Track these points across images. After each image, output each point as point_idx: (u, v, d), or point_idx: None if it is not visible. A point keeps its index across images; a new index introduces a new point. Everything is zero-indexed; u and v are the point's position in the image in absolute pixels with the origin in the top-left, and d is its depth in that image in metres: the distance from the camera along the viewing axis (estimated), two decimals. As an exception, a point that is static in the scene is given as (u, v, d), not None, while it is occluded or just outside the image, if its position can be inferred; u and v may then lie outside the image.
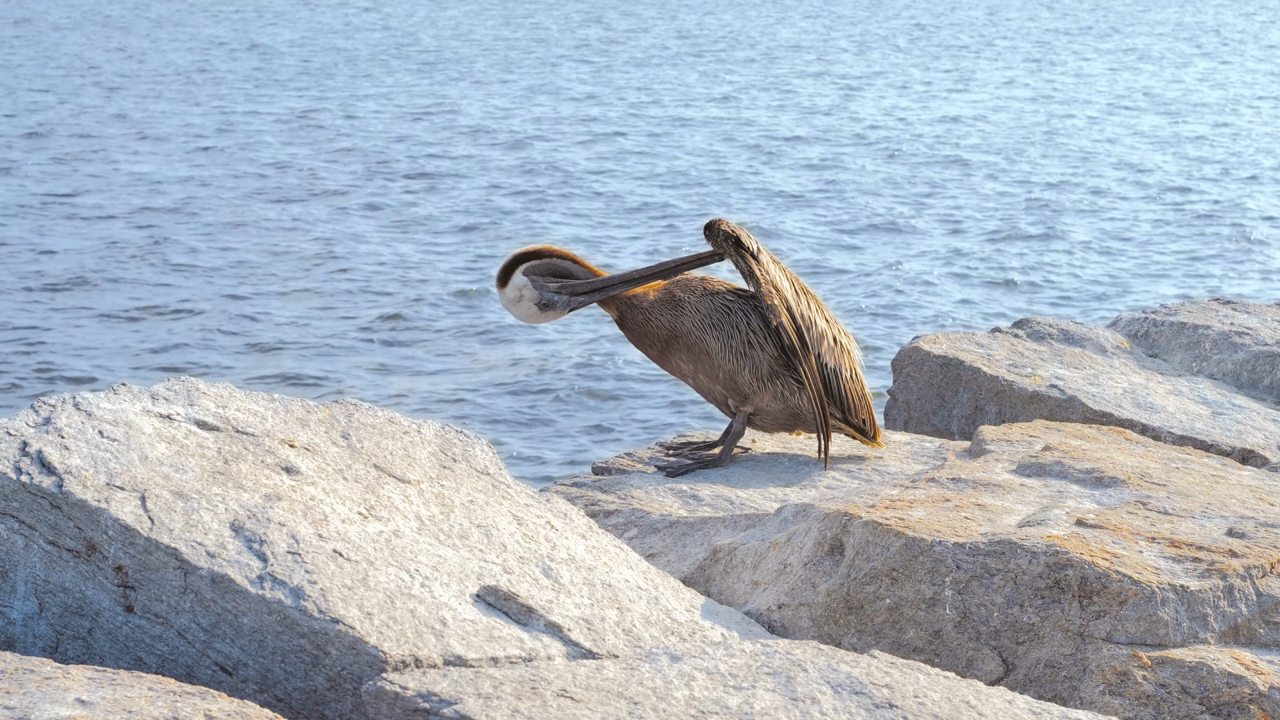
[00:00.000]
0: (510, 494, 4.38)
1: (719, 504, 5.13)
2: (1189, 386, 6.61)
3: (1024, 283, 18.00)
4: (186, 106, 31.12)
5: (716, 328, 5.36)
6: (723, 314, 5.38)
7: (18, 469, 3.79)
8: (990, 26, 52.31)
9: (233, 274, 17.81)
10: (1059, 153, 26.73)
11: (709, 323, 5.37)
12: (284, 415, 4.34)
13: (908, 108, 32.06)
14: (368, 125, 29.04)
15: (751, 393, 5.39)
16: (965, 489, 4.79)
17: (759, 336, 5.36)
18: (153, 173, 23.87)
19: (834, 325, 5.49)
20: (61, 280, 17.28)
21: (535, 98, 33.13)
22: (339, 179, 23.69)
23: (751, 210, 21.64)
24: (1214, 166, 25.54)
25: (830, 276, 18.03)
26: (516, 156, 25.77)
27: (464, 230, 20.29)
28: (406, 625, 3.68)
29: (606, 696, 3.43)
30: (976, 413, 6.42)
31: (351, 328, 15.75)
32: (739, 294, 5.43)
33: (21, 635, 3.74)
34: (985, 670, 4.15)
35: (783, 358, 5.37)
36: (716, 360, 5.37)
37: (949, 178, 24.29)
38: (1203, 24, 54.21)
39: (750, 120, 29.92)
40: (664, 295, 5.43)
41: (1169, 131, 29.17)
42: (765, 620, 4.38)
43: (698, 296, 5.42)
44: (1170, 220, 21.48)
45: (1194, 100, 33.63)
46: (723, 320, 5.38)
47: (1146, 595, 4.11)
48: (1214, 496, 4.84)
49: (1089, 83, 36.63)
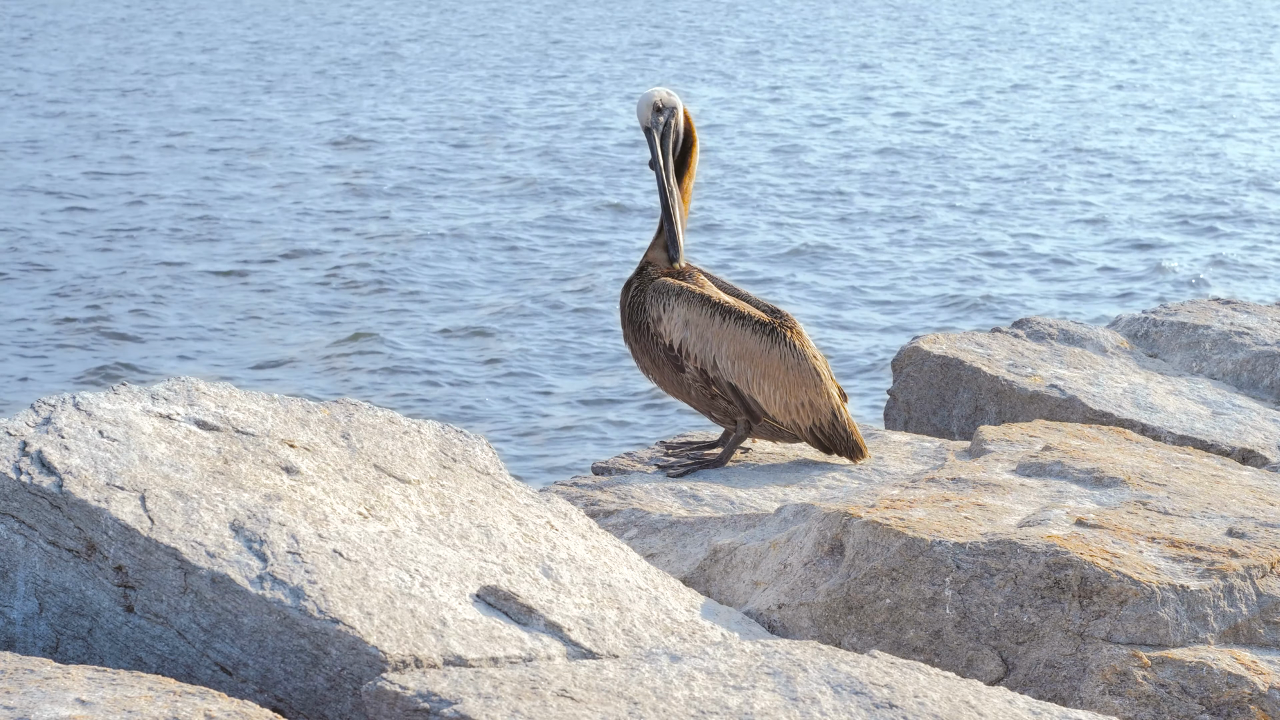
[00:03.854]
0: (510, 494, 4.38)
1: (719, 504, 5.13)
2: (1189, 386, 6.61)
3: (1024, 282, 18.01)
4: (179, 107, 31.15)
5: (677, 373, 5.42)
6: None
7: (18, 469, 3.79)
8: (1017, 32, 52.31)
9: (233, 273, 17.81)
10: (1061, 153, 26.73)
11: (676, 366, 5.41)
12: (284, 415, 4.34)
13: (910, 111, 32.09)
14: (371, 129, 29.06)
15: (731, 422, 5.46)
16: (965, 489, 4.79)
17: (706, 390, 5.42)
18: (153, 173, 23.88)
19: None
20: (64, 278, 17.28)
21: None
22: (346, 176, 23.71)
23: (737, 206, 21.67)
24: (1214, 167, 25.54)
25: (831, 275, 18.04)
26: (540, 157, 25.79)
27: (465, 230, 20.30)
28: (406, 625, 3.68)
29: (606, 696, 3.43)
30: (976, 413, 6.42)
31: (353, 327, 15.75)
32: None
33: (21, 635, 3.74)
34: (985, 670, 4.15)
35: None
36: (689, 391, 5.43)
37: (949, 178, 24.30)
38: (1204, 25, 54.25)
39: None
40: (683, 296, 5.40)
41: (1169, 132, 29.17)
42: (765, 620, 4.38)
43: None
44: (1170, 220, 21.48)
45: (1203, 102, 33.64)
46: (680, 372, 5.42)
47: (1146, 595, 4.11)
48: (1214, 496, 4.84)
49: (1109, 86, 36.64)
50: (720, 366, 5.34)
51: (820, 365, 5.44)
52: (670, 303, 5.35)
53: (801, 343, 5.41)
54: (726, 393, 5.37)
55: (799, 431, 5.44)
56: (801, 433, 5.45)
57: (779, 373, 5.37)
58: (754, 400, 5.37)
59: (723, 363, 5.34)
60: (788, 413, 5.40)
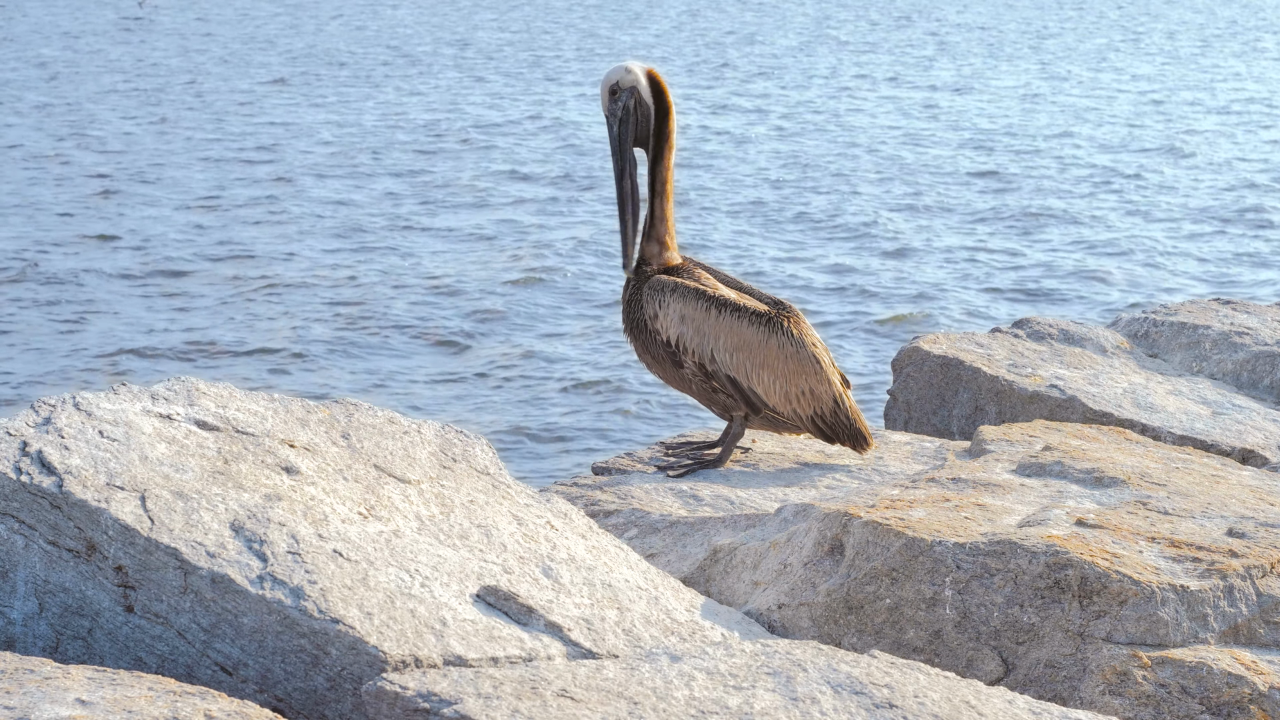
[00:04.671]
0: (510, 494, 4.38)
1: (719, 504, 5.13)
2: (1189, 386, 6.61)
3: (1024, 282, 18.01)
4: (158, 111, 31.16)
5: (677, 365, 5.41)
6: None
7: (18, 469, 3.79)
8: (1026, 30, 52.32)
9: (233, 272, 17.82)
10: (1063, 151, 26.74)
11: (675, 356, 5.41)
12: (284, 415, 4.34)
13: (900, 99, 32.09)
14: (360, 125, 29.07)
15: (731, 415, 5.46)
16: (965, 489, 4.79)
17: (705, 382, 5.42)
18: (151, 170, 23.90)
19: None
20: (65, 278, 17.28)
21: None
22: (346, 177, 23.71)
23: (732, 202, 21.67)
24: (1212, 164, 25.55)
25: (830, 276, 18.04)
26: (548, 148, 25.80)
27: (464, 231, 20.31)
28: (406, 625, 3.68)
29: (606, 696, 3.43)
30: (976, 413, 6.42)
31: (353, 327, 15.75)
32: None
33: (21, 635, 3.74)
34: (985, 670, 4.15)
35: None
36: (690, 386, 5.43)
37: (948, 176, 24.31)
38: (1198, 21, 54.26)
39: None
40: (679, 288, 5.41)
41: (1169, 131, 29.18)
42: (765, 620, 4.38)
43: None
44: (1171, 220, 21.49)
45: (1205, 101, 33.66)
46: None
47: (1146, 595, 4.11)
48: (1214, 496, 4.84)
49: (1101, 83, 36.65)
50: (718, 359, 5.34)
51: (820, 352, 5.42)
52: (666, 299, 5.35)
53: (800, 331, 5.39)
54: (726, 386, 5.36)
55: (800, 421, 5.42)
56: (803, 422, 5.42)
57: (777, 362, 5.36)
58: (753, 392, 5.36)
59: (720, 355, 5.34)
60: (788, 402, 5.38)
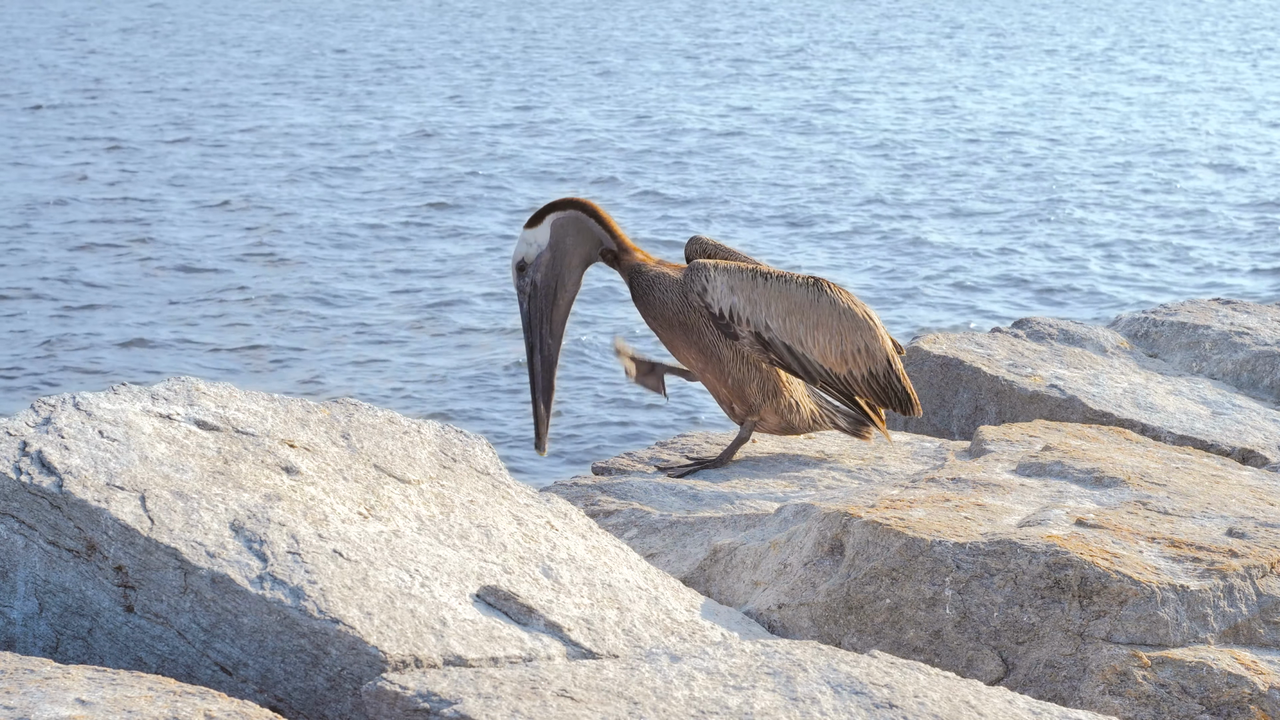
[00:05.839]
0: (510, 494, 4.38)
1: (719, 504, 5.13)
2: (1189, 386, 6.61)
3: (1024, 282, 18.01)
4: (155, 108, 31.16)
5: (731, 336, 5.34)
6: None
7: (18, 469, 3.79)
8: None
9: (233, 272, 17.82)
10: (1063, 152, 26.74)
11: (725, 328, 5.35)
12: (284, 415, 4.34)
13: (903, 102, 32.09)
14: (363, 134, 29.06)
15: (758, 405, 5.40)
16: (965, 489, 4.79)
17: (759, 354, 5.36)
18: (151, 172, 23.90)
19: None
20: (64, 278, 17.28)
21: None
22: (346, 177, 23.71)
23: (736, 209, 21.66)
24: (1212, 165, 25.55)
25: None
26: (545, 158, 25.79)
27: (465, 232, 20.30)
28: (406, 625, 3.68)
29: (606, 696, 3.43)
30: (976, 413, 6.42)
31: (353, 327, 15.75)
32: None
33: (21, 635, 3.74)
34: (985, 670, 4.15)
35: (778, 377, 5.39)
36: (727, 367, 5.36)
37: (948, 176, 24.31)
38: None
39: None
40: (677, 275, 5.38)
41: (1171, 130, 29.18)
42: (765, 620, 4.38)
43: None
44: (1172, 220, 21.49)
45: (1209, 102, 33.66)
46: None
47: (1146, 595, 4.11)
48: (1214, 496, 4.84)
49: (1103, 83, 36.63)
50: (773, 327, 5.31)
51: (872, 313, 5.43)
52: (710, 273, 5.33)
53: (848, 298, 5.41)
54: (783, 354, 5.32)
55: (854, 383, 5.37)
56: (856, 384, 5.36)
57: (831, 320, 5.34)
58: (808, 359, 5.33)
59: (774, 322, 5.31)
60: (844, 361, 5.35)
